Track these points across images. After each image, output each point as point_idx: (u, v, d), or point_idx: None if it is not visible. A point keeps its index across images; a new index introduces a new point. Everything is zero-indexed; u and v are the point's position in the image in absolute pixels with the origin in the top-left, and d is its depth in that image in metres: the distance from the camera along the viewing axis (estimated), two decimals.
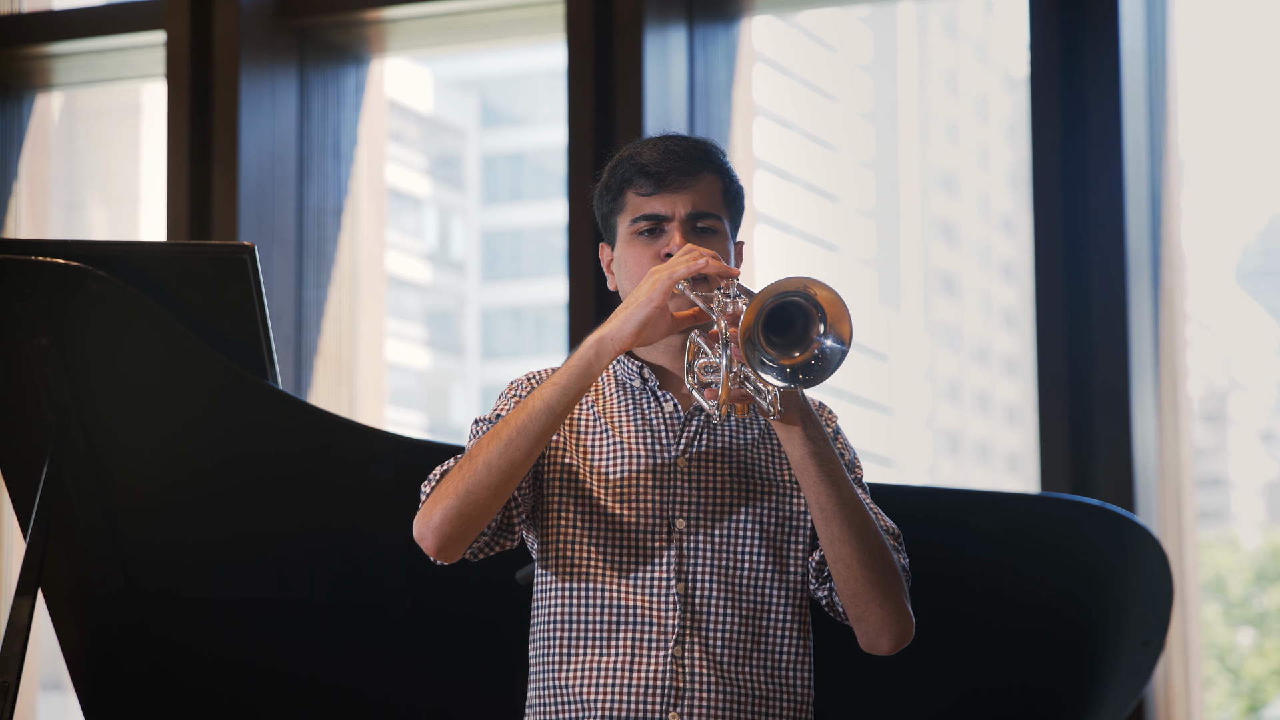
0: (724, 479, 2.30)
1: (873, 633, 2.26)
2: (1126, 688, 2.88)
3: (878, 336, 42.46)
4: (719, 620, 2.26)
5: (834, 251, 42.10)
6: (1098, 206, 4.31)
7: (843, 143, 42.57)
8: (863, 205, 43.95)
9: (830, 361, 2.05)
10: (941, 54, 45.22)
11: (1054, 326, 4.29)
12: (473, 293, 37.72)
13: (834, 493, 2.19)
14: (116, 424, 2.69)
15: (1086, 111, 4.35)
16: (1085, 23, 4.35)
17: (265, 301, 2.64)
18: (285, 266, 5.17)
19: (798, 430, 2.17)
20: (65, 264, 2.51)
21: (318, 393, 5.21)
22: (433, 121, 36.39)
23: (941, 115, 45.20)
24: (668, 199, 2.32)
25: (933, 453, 44.64)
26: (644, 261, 2.31)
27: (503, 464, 2.18)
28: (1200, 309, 39.76)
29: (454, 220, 37.50)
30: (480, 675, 2.97)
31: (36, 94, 5.64)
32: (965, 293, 45.76)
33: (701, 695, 2.24)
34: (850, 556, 2.21)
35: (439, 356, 36.52)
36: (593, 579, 2.27)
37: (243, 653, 2.93)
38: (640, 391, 2.36)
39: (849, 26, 42.06)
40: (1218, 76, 48.62)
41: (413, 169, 35.55)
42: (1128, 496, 4.20)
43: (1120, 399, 4.23)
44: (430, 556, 2.24)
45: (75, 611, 2.84)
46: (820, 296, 2.05)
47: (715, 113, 4.94)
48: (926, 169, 45.02)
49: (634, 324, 2.18)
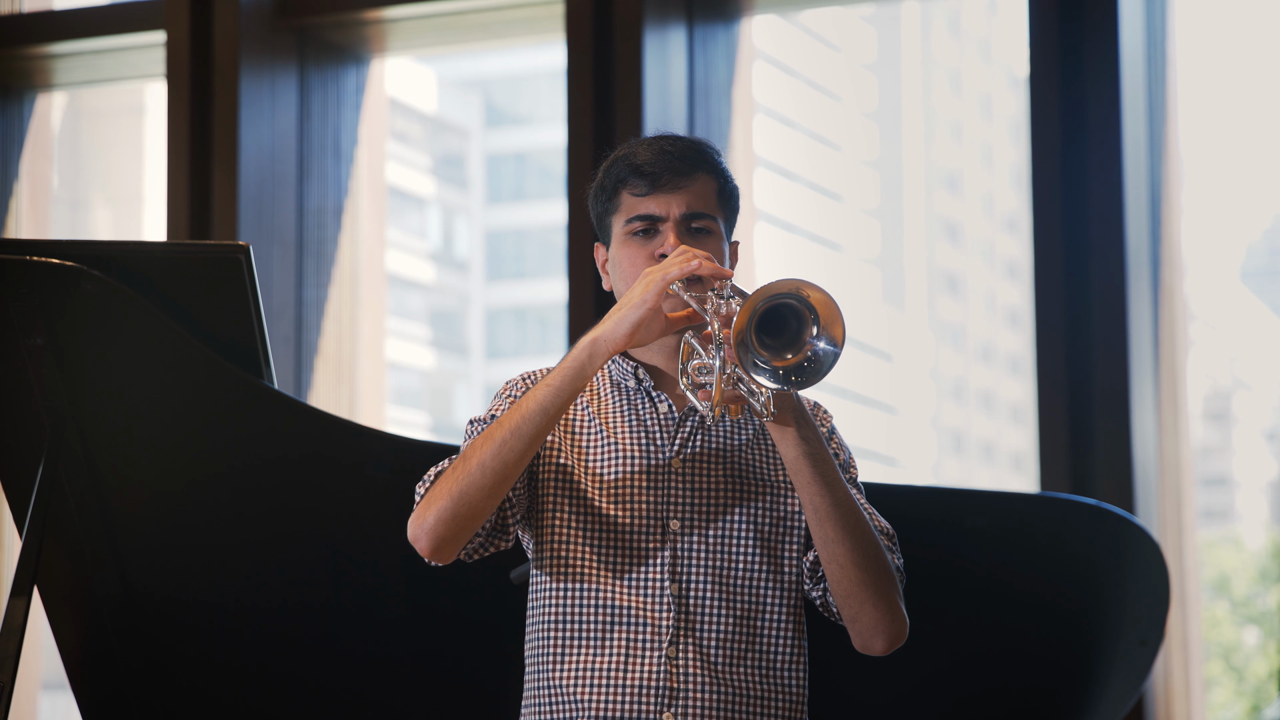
0: (718, 479, 2.30)
1: (866, 633, 2.26)
2: (1124, 687, 2.87)
3: (881, 336, 42.43)
4: (713, 621, 2.26)
5: (838, 251, 42.08)
6: (1097, 205, 4.30)
7: (846, 142, 42.58)
8: (867, 204, 43.93)
9: (823, 364, 2.05)
10: (945, 53, 45.20)
11: (1053, 325, 4.29)
12: (476, 292, 37.73)
13: (828, 493, 2.19)
14: (111, 424, 2.69)
15: (1085, 111, 4.34)
16: (1084, 25, 4.35)
17: (260, 301, 2.63)
18: (285, 266, 5.17)
19: (791, 431, 2.17)
20: (60, 264, 2.50)
21: (318, 393, 5.21)
22: (436, 121, 36.42)
23: (945, 114, 45.17)
24: (662, 199, 2.32)
25: (937, 452, 44.59)
26: (638, 262, 2.31)
27: (497, 465, 2.18)
28: (1204, 308, 39.70)
29: (458, 220, 37.53)
30: (479, 676, 2.97)
31: (37, 94, 5.65)
32: (969, 292, 45.76)
33: (695, 695, 2.25)
34: (844, 557, 2.21)
35: (443, 356, 36.55)
36: (587, 579, 2.27)
37: (240, 654, 2.93)
38: (635, 392, 2.36)
39: (852, 26, 42.06)
40: (1221, 73, 48.51)
41: (416, 169, 35.58)
42: (1127, 495, 4.20)
43: (1120, 398, 4.23)
44: (424, 558, 2.24)
45: (73, 613, 2.84)
46: (813, 299, 2.05)
47: (715, 112, 4.94)
48: (930, 168, 44.98)
49: (628, 325, 2.18)
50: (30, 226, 5.59)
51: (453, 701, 2.94)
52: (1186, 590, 4.39)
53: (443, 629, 2.92)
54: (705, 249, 2.30)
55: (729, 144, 4.97)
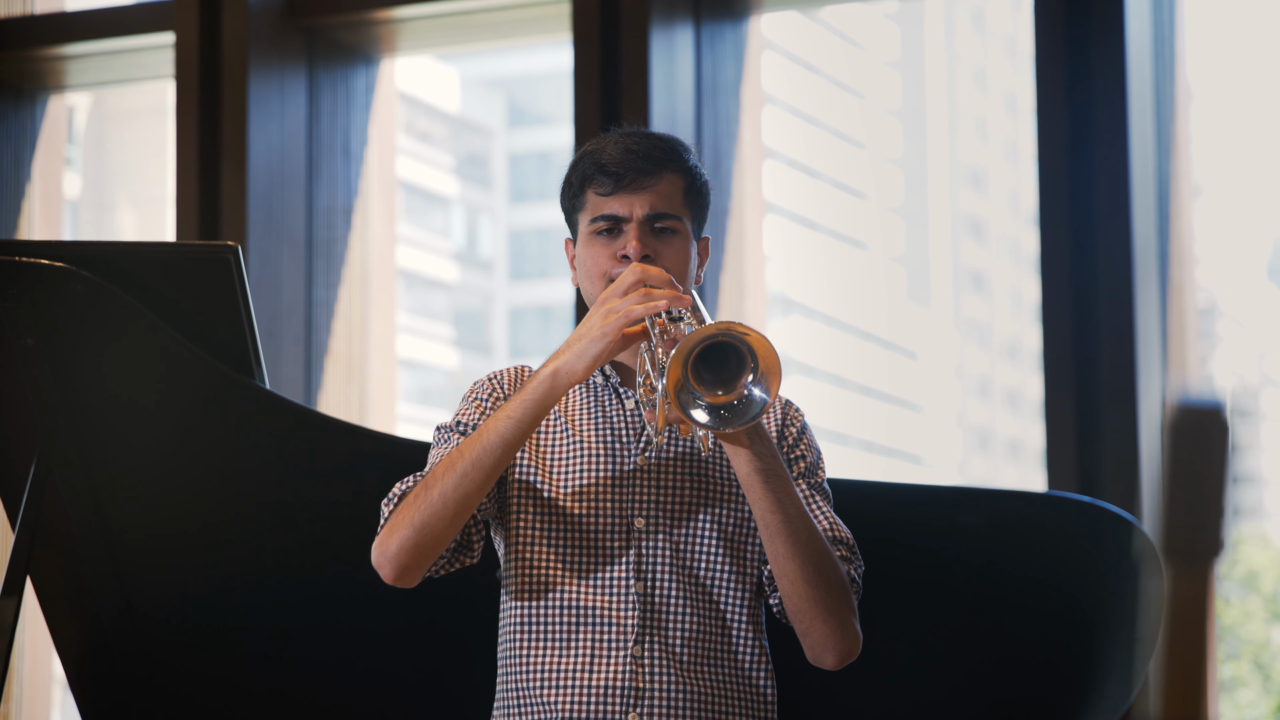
0: (683, 479, 2.30)
1: (817, 648, 2.25)
2: (1121, 686, 2.85)
3: (906, 334, 42.36)
4: (678, 620, 2.26)
5: (862, 249, 42.03)
6: (1104, 200, 4.28)
7: (871, 140, 42.49)
8: (891, 202, 43.86)
9: (752, 408, 2.08)
10: (970, 49, 45.06)
11: (1060, 322, 4.27)
12: (500, 292, 37.77)
13: (778, 509, 2.18)
14: (104, 424, 2.69)
15: (1092, 108, 4.32)
16: (1091, 29, 4.33)
17: (250, 301, 2.64)
18: (295, 266, 5.17)
19: (744, 445, 2.17)
20: (49, 265, 2.51)
21: (328, 393, 5.22)
22: (460, 121, 36.47)
23: (970, 111, 45.04)
24: (625, 199, 2.31)
25: (963, 450, 44.52)
26: (601, 261, 2.31)
27: (458, 496, 2.19)
28: (1232, 305, 39.56)
29: (481, 219, 37.57)
30: (487, 688, 2.96)
31: (50, 96, 5.66)
32: (994, 289, 45.62)
33: (661, 695, 2.24)
34: (795, 573, 2.19)
35: (467, 355, 36.57)
36: (552, 580, 2.27)
37: (240, 657, 2.93)
38: (602, 388, 2.37)
39: (876, 23, 41.97)
40: (1241, 73, 48.17)
41: (440, 168, 35.62)
42: (1133, 493, 4.18)
43: (1127, 395, 4.21)
44: (387, 582, 2.24)
45: (72, 618, 2.85)
46: (757, 347, 2.07)
47: (724, 110, 4.93)
48: (955, 165, 44.88)
49: (588, 358, 2.17)
50: (43, 228, 5.61)
51: (455, 709, 2.94)
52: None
53: (441, 640, 2.91)
54: (669, 249, 2.30)
55: (737, 142, 4.96)
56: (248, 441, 2.75)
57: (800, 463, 2.33)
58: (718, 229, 4.85)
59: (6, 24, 5.46)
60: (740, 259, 4.89)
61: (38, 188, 5.63)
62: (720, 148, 4.93)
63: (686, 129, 4.84)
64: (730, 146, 4.95)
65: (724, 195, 4.90)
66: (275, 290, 5.08)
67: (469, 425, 2.31)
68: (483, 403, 2.33)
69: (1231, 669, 25.06)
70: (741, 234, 4.92)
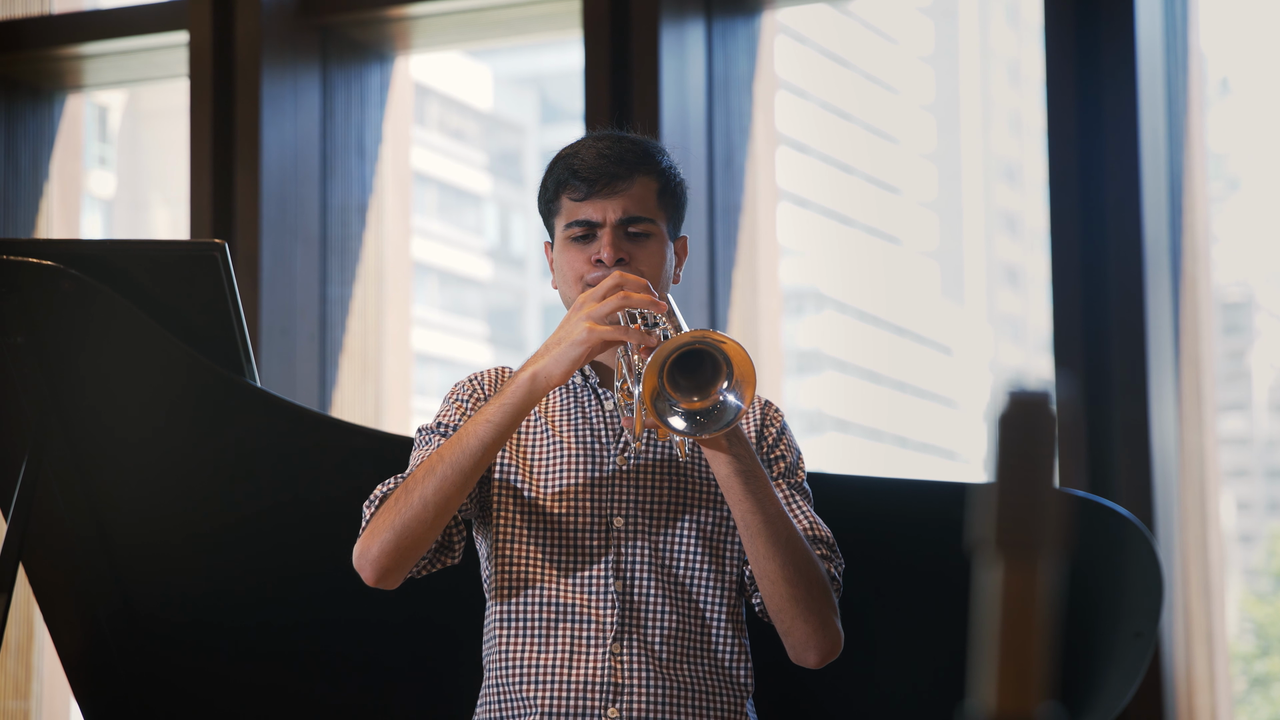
0: (662, 481, 2.32)
1: (799, 647, 2.26)
2: (1121, 680, 2.85)
3: (940, 329, 42.22)
4: (657, 617, 2.28)
5: (896, 244, 41.94)
6: (1113, 198, 4.26)
7: (904, 135, 42.36)
8: (925, 197, 43.71)
9: (727, 414, 2.10)
10: (1004, 44, 44.85)
11: (1071, 306, 4.26)
12: (534, 289, 37.81)
13: (758, 510, 2.19)
14: (95, 422, 2.71)
15: (1102, 107, 4.30)
16: (1101, 29, 4.31)
17: (239, 298, 2.64)
18: (309, 264, 5.19)
19: (722, 447, 2.18)
20: (38, 263, 2.52)
21: (343, 390, 5.23)
22: (492, 118, 36.52)
23: (1004, 105, 44.84)
24: (599, 204, 2.32)
25: None
26: (577, 265, 2.32)
27: (438, 500, 2.20)
28: (1270, 298, 39.31)
29: (514, 217, 37.61)
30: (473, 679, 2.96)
31: (67, 95, 5.70)
32: (1029, 284, 45.42)
33: (640, 691, 2.26)
34: (775, 573, 2.21)
35: (500, 353, 36.62)
36: (533, 578, 2.29)
37: (239, 655, 2.94)
38: (582, 388, 2.38)
39: (910, 19, 41.83)
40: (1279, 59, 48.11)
41: (473, 166, 35.69)
42: (1145, 489, 4.15)
43: (1138, 391, 4.18)
44: (368, 584, 2.26)
45: (70, 617, 2.86)
46: (731, 353, 2.08)
47: (736, 105, 4.92)
48: (989, 160, 44.67)
49: (566, 362, 2.19)
50: (61, 226, 5.65)
51: (455, 707, 2.94)
52: (1211, 583, 4.34)
53: (441, 637, 2.92)
54: (643, 252, 2.31)
55: (750, 137, 4.95)
56: (238, 438, 2.76)
57: (780, 463, 2.35)
58: (730, 224, 4.85)
59: (24, 24, 5.50)
60: (754, 254, 4.88)
61: (56, 186, 5.66)
62: (733, 143, 4.92)
63: (698, 124, 4.84)
64: (743, 142, 4.94)
65: (737, 190, 4.89)
66: (289, 288, 5.10)
67: (450, 427, 2.33)
68: (463, 404, 2.35)
69: (1266, 665, 24.91)
70: (755, 228, 4.91)
